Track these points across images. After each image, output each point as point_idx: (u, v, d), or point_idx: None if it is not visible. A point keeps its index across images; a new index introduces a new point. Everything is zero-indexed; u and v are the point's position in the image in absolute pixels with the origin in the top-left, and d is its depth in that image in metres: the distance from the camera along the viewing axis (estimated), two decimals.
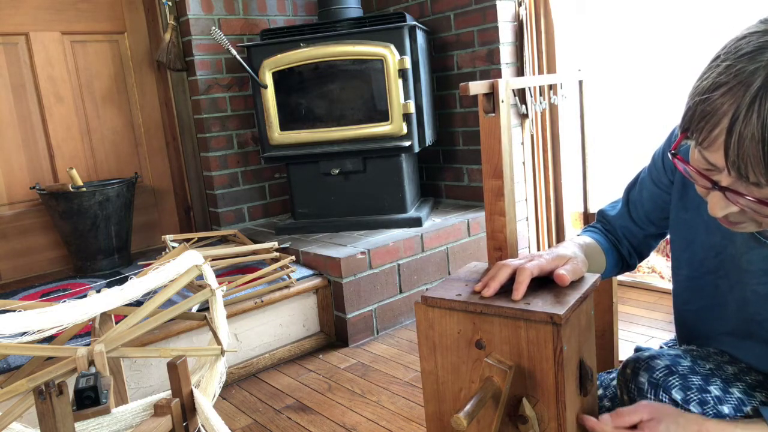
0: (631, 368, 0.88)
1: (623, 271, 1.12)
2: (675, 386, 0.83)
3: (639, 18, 2.27)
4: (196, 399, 1.02)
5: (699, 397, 0.82)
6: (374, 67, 2.34)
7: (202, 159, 2.79)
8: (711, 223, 0.91)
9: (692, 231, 0.96)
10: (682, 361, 0.86)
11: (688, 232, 0.97)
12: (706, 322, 0.97)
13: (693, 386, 0.83)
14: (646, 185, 1.04)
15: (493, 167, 1.23)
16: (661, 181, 1.01)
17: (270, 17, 2.85)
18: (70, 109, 2.61)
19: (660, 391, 0.83)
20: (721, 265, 0.92)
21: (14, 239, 2.52)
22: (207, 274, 1.31)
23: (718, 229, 0.90)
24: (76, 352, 1.04)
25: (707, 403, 0.81)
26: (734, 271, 0.90)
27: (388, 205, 2.47)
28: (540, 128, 2.59)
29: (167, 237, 2.34)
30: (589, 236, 1.08)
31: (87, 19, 2.63)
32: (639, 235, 1.07)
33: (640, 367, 0.87)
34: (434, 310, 0.82)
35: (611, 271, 1.08)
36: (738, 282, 0.90)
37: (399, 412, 1.66)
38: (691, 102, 0.70)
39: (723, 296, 0.93)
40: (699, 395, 0.82)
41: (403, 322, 2.29)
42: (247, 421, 1.69)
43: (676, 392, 0.82)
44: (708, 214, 0.76)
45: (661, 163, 1.01)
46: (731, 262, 0.90)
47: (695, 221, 0.95)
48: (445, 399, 0.84)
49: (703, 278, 0.95)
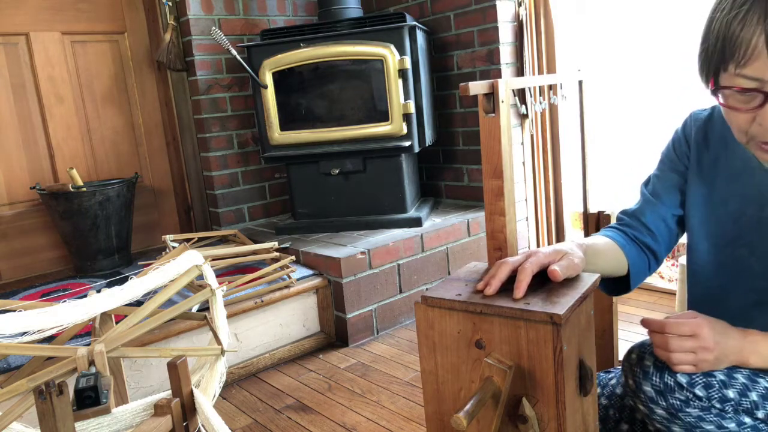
0: (637, 353, 0.88)
1: (655, 265, 1.10)
2: None
3: (639, 18, 2.27)
4: (197, 399, 1.02)
5: (704, 381, 0.82)
6: (374, 67, 2.34)
7: (202, 159, 2.79)
8: (726, 195, 0.96)
9: (709, 204, 0.99)
10: None
11: (705, 207, 1.00)
12: (733, 294, 0.98)
13: None
14: (664, 174, 1.07)
15: (493, 167, 1.23)
16: (677, 169, 1.05)
17: (270, 17, 2.85)
18: (70, 109, 2.61)
19: (665, 374, 0.83)
20: (741, 233, 0.95)
21: (14, 239, 2.52)
22: (207, 274, 1.31)
23: (733, 199, 0.95)
24: (77, 352, 1.04)
25: (712, 386, 0.82)
26: (754, 231, 0.93)
27: (388, 205, 2.47)
28: (540, 128, 2.59)
29: (167, 237, 2.34)
30: (600, 235, 1.08)
31: (87, 19, 2.63)
32: (666, 215, 1.06)
33: (645, 352, 0.87)
34: (434, 310, 0.82)
35: (638, 265, 1.06)
36: (760, 241, 0.92)
37: (399, 412, 1.66)
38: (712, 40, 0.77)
39: (746, 261, 0.95)
40: (704, 378, 0.82)
41: (403, 322, 2.29)
42: (247, 421, 1.69)
43: (682, 375, 0.83)
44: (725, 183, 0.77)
45: (673, 153, 1.05)
46: (749, 224, 0.94)
47: (711, 194, 0.99)
48: (445, 399, 0.84)
49: (725, 249, 0.97)
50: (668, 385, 0.83)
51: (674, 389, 0.83)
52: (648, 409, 0.86)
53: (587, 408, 0.83)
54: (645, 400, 0.85)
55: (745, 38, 0.72)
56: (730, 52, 0.74)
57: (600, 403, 1.03)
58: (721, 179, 0.98)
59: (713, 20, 0.77)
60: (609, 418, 1.03)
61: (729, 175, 0.97)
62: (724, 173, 0.97)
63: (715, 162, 0.99)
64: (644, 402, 0.85)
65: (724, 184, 0.98)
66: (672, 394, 0.83)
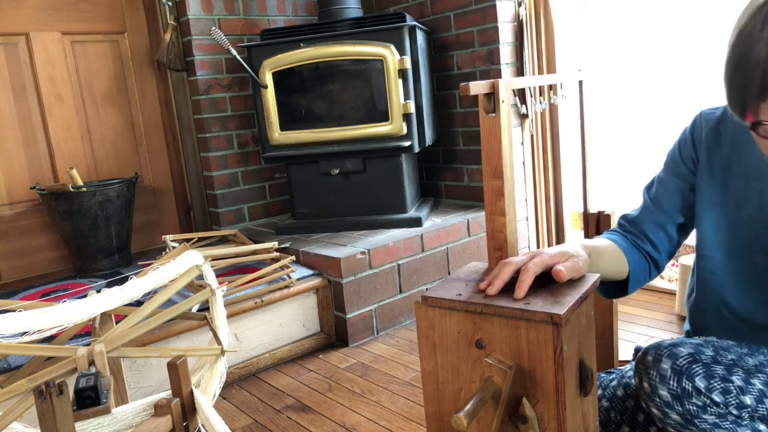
0: (653, 355, 0.86)
1: (655, 273, 1.09)
2: (699, 374, 0.82)
3: (639, 18, 2.27)
4: (196, 399, 1.02)
5: (722, 386, 0.81)
6: (374, 67, 2.34)
7: (202, 159, 2.79)
8: (740, 199, 0.94)
9: (721, 208, 0.97)
10: (704, 350, 0.85)
11: (718, 210, 0.98)
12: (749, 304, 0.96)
13: (716, 375, 0.82)
14: (667, 179, 1.05)
15: (493, 167, 1.23)
16: (680, 173, 1.02)
17: (270, 17, 2.85)
18: (70, 109, 2.61)
19: (683, 378, 0.82)
20: (757, 238, 0.93)
21: (14, 239, 2.52)
22: (207, 274, 1.31)
23: (748, 203, 0.93)
24: (77, 352, 1.04)
25: (730, 392, 0.81)
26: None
27: (388, 205, 2.47)
28: (540, 128, 2.59)
29: (167, 237, 2.34)
30: (604, 238, 1.07)
31: (87, 19, 2.63)
32: (666, 224, 1.05)
33: (662, 354, 0.85)
34: (434, 310, 0.82)
35: (638, 270, 1.05)
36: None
37: (399, 412, 1.66)
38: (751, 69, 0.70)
39: (762, 268, 0.93)
40: (722, 384, 0.81)
41: (403, 322, 2.29)
42: (247, 421, 1.69)
43: (700, 380, 0.82)
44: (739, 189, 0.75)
45: (678, 155, 1.03)
46: (765, 229, 0.92)
47: (723, 198, 0.97)
48: (445, 399, 0.84)
49: (740, 256, 0.96)
50: (686, 389, 0.82)
51: (692, 394, 0.81)
52: (662, 413, 0.85)
53: (587, 408, 0.83)
54: (660, 404, 0.84)
55: None
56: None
57: (601, 405, 1.03)
58: (734, 182, 0.95)
59: (745, 45, 0.70)
60: (610, 420, 1.02)
61: (743, 178, 0.94)
62: (738, 176, 0.94)
63: (728, 164, 0.96)
64: (659, 406, 0.84)
65: (738, 187, 0.95)
66: (689, 399, 0.82)
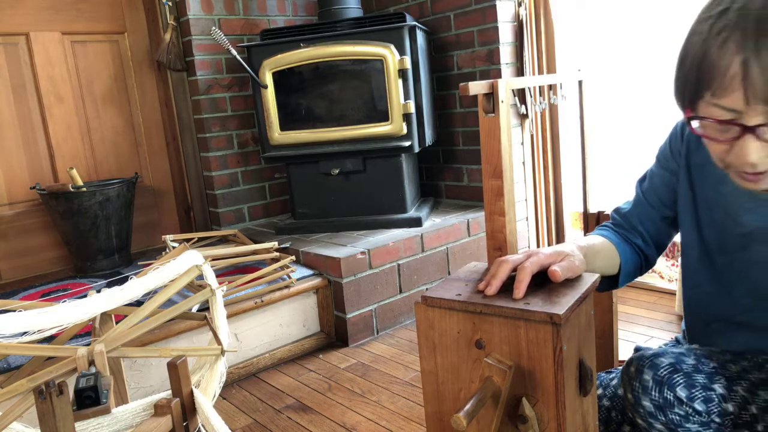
0: (635, 366, 0.87)
1: (645, 267, 1.09)
2: (679, 384, 0.83)
3: (639, 18, 2.27)
4: (196, 399, 1.02)
5: (704, 395, 0.82)
6: (374, 67, 2.34)
7: (202, 159, 2.79)
8: (710, 200, 0.94)
9: (695, 209, 0.98)
10: (686, 359, 0.86)
11: (692, 211, 0.98)
12: (717, 305, 0.97)
13: (697, 384, 0.83)
14: (657, 172, 1.06)
15: (493, 167, 1.23)
16: (670, 168, 1.03)
17: (270, 17, 2.85)
18: (70, 109, 2.61)
19: (664, 388, 0.83)
20: (723, 241, 0.94)
21: (14, 239, 2.52)
22: (207, 274, 1.31)
23: (717, 205, 0.93)
24: (77, 352, 1.04)
25: (712, 401, 0.81)
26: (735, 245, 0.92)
27: (388, 205, 2.47)
28: (540, 128, 2.59)
29: (167, 237, 2.34)
30: (596, 234, 1.07)
31: (87, 19, 2.63)
32: (655, 219, 1.06)
33: (644, 365, 0.86)
34: (434, 310, 0.82)
35: (630, 264, 1.05)
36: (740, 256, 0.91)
37: (399, 412, 1.66)
38: (688, 66, 0.75)
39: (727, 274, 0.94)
40: (704, 393, 0.82)
41: (403, 322, 2.29)
42: (247, 420, 1.69)
43: (681, 390, 0.82)
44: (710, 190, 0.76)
45: (668, 150, 1.03)
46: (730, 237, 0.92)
47: (696, 199, 0.97)
48: (445, 399, 0.84)
49: (712, 257, 0.96)
50: (668, 399, 0.82)
51: (674, 404, 0.82)
52: (647, 423, 0.85)
53: (587, 408, 0.83)
54: (644, 414, 0.85)
55: (722, 67, 0.69)
56: (707, 81, 0.72)
57: (602, 405, 1.03)
58: (708, 184, 0.95)
59: (690, 44, 0.75)
60: (612, 420, 1.02)
61: (715, 181, 0.94)
62: (710, 176, 0.94)
63: (703, 165, 0.96)
64: (643, 417, 0.85)
65: (710, 190, 0.95)
66: (671, 409, 0.82)
